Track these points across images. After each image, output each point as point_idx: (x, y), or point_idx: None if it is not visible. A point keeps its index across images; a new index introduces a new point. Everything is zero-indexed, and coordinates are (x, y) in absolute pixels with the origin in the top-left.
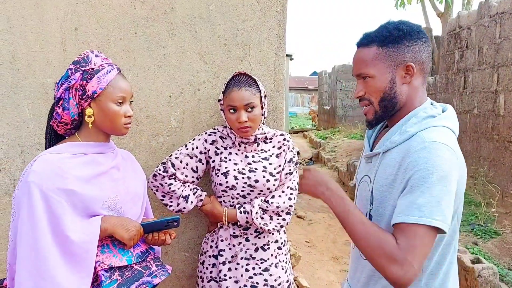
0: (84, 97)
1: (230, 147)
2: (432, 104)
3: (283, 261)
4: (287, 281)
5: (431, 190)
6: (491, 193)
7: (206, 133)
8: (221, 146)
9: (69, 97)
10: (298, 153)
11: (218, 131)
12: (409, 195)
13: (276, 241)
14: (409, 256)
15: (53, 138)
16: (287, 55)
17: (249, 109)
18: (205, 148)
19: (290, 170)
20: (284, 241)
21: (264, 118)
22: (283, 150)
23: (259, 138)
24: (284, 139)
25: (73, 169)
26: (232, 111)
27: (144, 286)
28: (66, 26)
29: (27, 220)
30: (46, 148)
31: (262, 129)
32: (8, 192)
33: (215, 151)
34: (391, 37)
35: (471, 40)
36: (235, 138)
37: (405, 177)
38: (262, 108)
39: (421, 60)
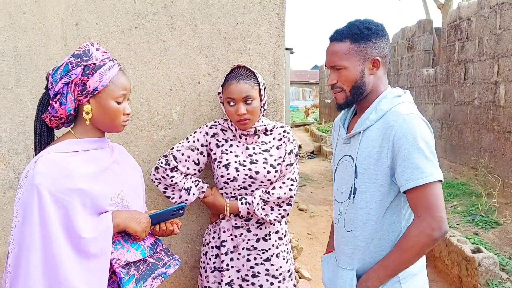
0: (84, 93)
1: (231, 140)
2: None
3: (284, 251)
4: (289, 271)
5: (423, 152)
6: (492, 183)
7: (207, 125)
8: (222, 138)
9: (68, 92)
10: (299, 146)
11: (219, 124)
12: (407, 162)
13: (277, 232)
14: (433, 212)
15: (43, 131)
16: (288, 49)
17: (248, 102)
18: (206, 140)
19: (290, 161)
20: (285, 231)
21: (264, 110)
22: (284, 142)
23: (259, 130)
24: (285, 131)
25: (79, 167)
26: (231, 103)
27: (160, 277)
28: (67, 21)
29: (38, 225)
30: (35, 142)
31: (262, 121)
32: (13, 186)
33: (216, 144)
34: (362, 34)
35: (472, 31)
36: (236, 130)
37: (395, 147)
38: (262, 100)
39: (384, 55)
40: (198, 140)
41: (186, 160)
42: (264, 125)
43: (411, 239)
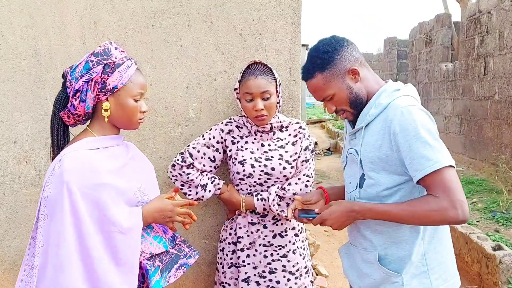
0: (103, 90)
1: (247, 136)
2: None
3: (301, 247)
4: (305, 267)
5: (425, 141)
6: None
7: (222, 123)
8: (238, 135)
9: (88, 89)
10: (315, 143)
11: (234, 121)
12: (412, 154)
13: (293, 228)
14: (452, 196)
15: (60, 128)
16: (303, 45)
17: (265, 97)
18: (222, 137)
19: (306, 157)
20: (302, 228)
21: (280, 106)
22: (299, 138)
23: (274, 127)
24: (300, 127)
25: (102, 164)
26: (248, 99)
27: (182, 267)
28: (85, 20)
29: (71, 222)
30: (52, 139)
31: (278, 117)
32: (34, 183)
33: (232, 140)
34: (325, 61)
35: (492, 25)
36: (251, 127)
37: (397, 140)
38: (278, 96)
39: (355, 58)
40: (213, 137)
41: (202, 157)
42: (280, 121)
43: (427, 212)
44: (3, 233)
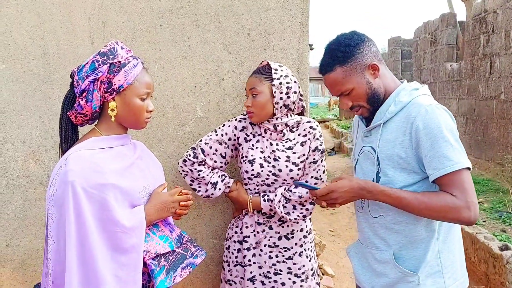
0: (109, 90)
1: (259, 135)
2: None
3: (308, 249)
4: (311, 269)
5: (448, 141)
6: None
7: (236, 119)
8: (251, 133)
9: (94, 89)
10: None
11: (248, 118)
12: (433, 152)
13: (302, 230)
14: (468, 197)
15: (68, 128)
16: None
17: (254, 94)
18: (235, 135)
19: (314, 159)
20: (310, 229)
21: (281, 107)
22: (308, 139)
23: (278, 125)
24: (311, 127)
25: (108, 163)
26: (246, 95)
27: (188, 267)
28: (93, 20)
29: (74, 221)
30: (61, 139)
31: (281, 118)
32: (43, 182)
33: (245, 138)
34: (346, 54)
35: (497, 24)
36: (261, 124)
37: (419, 137)
38: (274, 97)
39: (375, 54)
40: (226, 134)
41: (213, 154)
42: (285, 122)
43: (442, 207)
44: (12, 232)
